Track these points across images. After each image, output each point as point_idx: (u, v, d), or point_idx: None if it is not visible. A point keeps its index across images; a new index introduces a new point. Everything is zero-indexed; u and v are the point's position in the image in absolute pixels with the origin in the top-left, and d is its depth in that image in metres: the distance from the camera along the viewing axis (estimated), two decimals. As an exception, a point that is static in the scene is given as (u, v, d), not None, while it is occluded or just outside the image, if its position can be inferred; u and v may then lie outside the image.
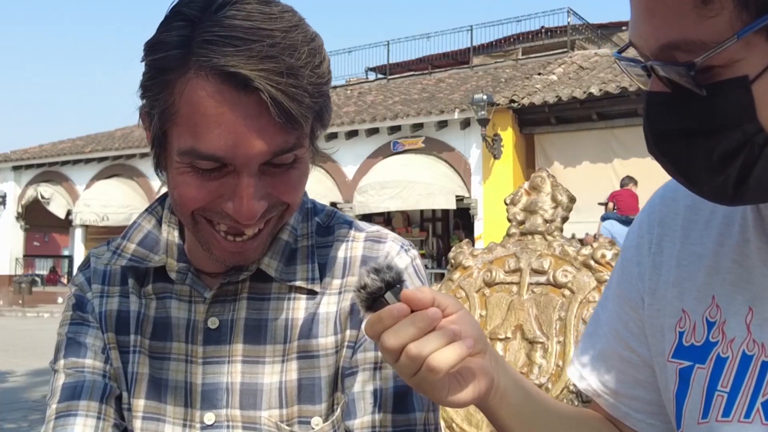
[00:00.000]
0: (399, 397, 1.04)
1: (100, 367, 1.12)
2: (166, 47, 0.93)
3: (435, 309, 0.82)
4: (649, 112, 0.76)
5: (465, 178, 16.09)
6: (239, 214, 0.95)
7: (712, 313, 0.85)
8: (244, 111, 0.90)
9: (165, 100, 0.94)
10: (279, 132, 0.92)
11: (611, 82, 14.23)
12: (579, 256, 1.67)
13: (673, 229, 0.94)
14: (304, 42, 0.93)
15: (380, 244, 1.11)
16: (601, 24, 21.62)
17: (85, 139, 23.95)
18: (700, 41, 0.67)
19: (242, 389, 1.05)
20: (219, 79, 0.89)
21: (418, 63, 21.75)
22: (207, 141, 0.91)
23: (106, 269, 1.16)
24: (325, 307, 1.07)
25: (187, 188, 0.96)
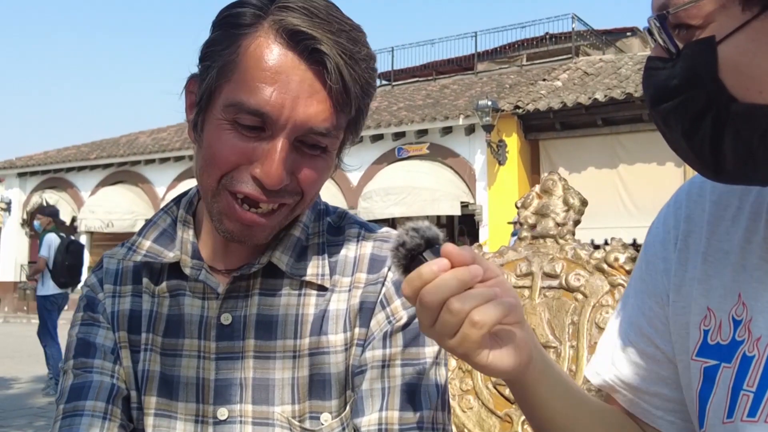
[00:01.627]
0: (407, 394, 1.04)
1: (109, 367, 1.13)
2: (244, 6, 0.98)
3: (477, 266, 0.80)
4: (644, 75, 0.80)
5: (470, 184, 16.08)
6: (267, 176, 0.97)
7: (738, 311, 0.84)
8: (302, 75, 0.95)
9: (228, 54, 0.98)
10: (328, 107, 0.97)
11: (616, 87, 14.22)
12: (592, 260, 1.65)
13: (699, 225, 0.93)
14: (365, 44, 1.01)
15: (389, 243, 1.11)
16: (605, 30, 21.61)
17: (90, 145, 24.00)
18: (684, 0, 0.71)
19: (254, 384, 1.07)
20: (288, 40, 0.95)
21: (423, 69, 21.77)
22: (259, 96, 0.95)
23: (118, 269, 1.18)
24: (335, 305, 1.09)
25: (222, 146, 0.98)
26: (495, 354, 0.82)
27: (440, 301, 0.78)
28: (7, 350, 13.27)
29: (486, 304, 0.78)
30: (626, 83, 14.44)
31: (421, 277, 0.79)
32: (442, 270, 0.79)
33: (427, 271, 0.79)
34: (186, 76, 1.07)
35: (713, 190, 0.92)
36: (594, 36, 20.30)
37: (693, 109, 0.73)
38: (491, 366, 0.82)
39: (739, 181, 0.79)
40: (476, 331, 0.78)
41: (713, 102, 0.72)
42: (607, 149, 14.70)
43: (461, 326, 0.78)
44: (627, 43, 22.12)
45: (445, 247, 0.80)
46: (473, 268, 0.79)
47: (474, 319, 0.77)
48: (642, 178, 14.23)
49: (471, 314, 0.78)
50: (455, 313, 0.78)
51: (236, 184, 0.99)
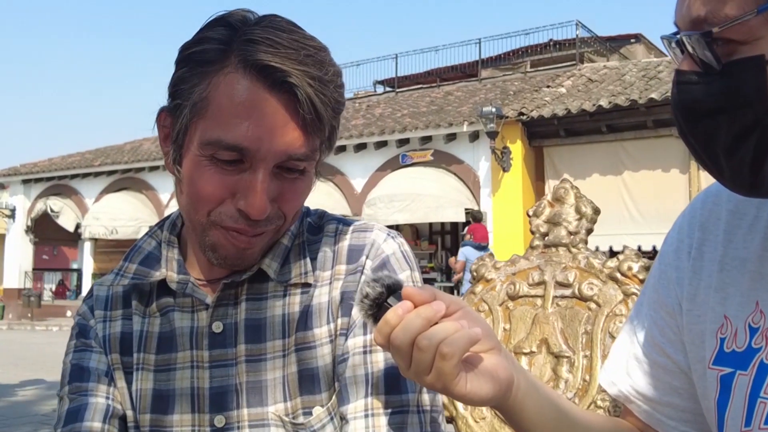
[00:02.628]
0: (390, 378, 1.05)
1: (104, 389, 1.15)
2: (209, 42, 1.00)
3: (438, 302, 0.83)
4: (676, 89, 0.78)
5: (474, 191, 16.07)
6: (251, 208, 0.99)
7: (755, 319, 0.84)
8: (275, 107, 0.97)
9: (199, 92, 1.00)
10: (302, 133, 0.99)
11: (620, 94, 14.21)
12: (605, 269, 1.64)
13: (715, 234, 0.93)
14: (330, 63, 1.02)
15: (366, 233, 1.15)
16: (609, 36, 21.62)
17: (94, 152, 24.06)
18: (725, 16, 0.69)
19: (248, 388, 1.08)
20: (256, 75, 0.97)
21: (427, 76, 21.78)
22: (235, 131, 0.97)
23: (108, 295, 1.20)
24: (317, 299, 1.11)
25: (205, 183, 1.01)
26: (473, 383, 0.84)
27: (410, 341, 0.81)
28: (12, 357, 13.27)
29: (453, 335, 0.81)
30: (630, 90, 14.44)
31: (389, 323, 0.83)
32: (406, 312, 0.82)
33: (392, 315, 0.83)
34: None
35: (729, 199, 0.92)
36: (598, 43, 20.31)
37: (738, 127, 0.72)
38: (471, 395, 0.84)
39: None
40: (448, 363, 0.80)
41: (760, 122, 0.70)
42: (611, 156, 14.68)
43: (434, 361, 0.81)
44: (631, 50, 22.13)
45: (405, 290, 0.85)
46: (435, 304, 0.83)
47: (443, 352, 0.80)
48: (646, 184, 14.21)
49: (440, 347, 0.80)
50: (425, 349, 0.80)
51: (225, 219, 1.02)
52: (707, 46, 0.72)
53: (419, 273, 1.15)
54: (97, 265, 22.87)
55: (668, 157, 13.89)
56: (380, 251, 1.12)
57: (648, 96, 13.51)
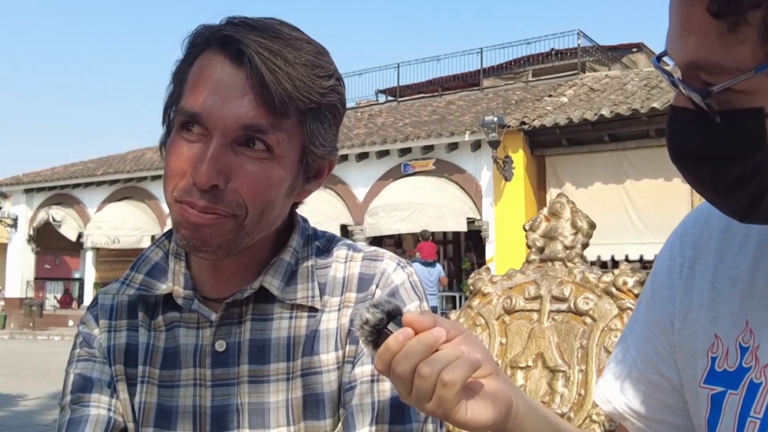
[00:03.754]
0: (396, 408, 1.05)
1: (106, 400, 1.14)
2: (199, 28, 1.05)
3: (439, 328, 0.83)
4: (671, 127, 0.78)
5: (476, 200, 16.09)
6: (197, 174, 0.99)
7: (745, 339, 0.85)
8: (232, 80, 1.00)
9: (184, 72, 1.05)
10: (257, 105, 1.00)
11: (622, 104, 14.24)
12: (600, 283, 1.64)
13: (707, 253, 0.93)
14: (310, 51, 1.03)
15: (377, 262, 1.15)
16: (611, 46, 21.67)
17: (96, 161, 24.12)
18: (721, 66, 0.69)
19: (250, 409, 1.08)
20: (222, 50, 1.01)
21: (429, 85, 21.84)
22: (193, 98, 1.01)
23: (113, 304, 1.20)
24: (325, 324, 1.11)
25: (172, 157, 1.03)
26: (473, 409, 0.84)
27: (411, 368, 0.81)
28: (14, 367, 13.27)
29: (454, 363, 0.81)
30: (632, 99, 14.46)
31: (390, 350, 0.82)
32: (407, 338, 0.82)
33: (393, 342, 0.82)
34: None
35: (720, 218, 0.92)
36: (600, 52, 20.35)
37: (735, 174, 0.72)
38: (472, 421, 0.84)
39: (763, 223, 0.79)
40: (449, 391, 0.80)
41: (759, 170, 0.71)
42: (613, 165, 14.69)
43: (435, 389, 0.81)
44: (633, 59, 22.16)
45: (406, 316, 0.84)
46: (436, 331, 0.83)
47: (444, 380, 0.80)
48: (649, 193, 14.22)
49: (441, 375, 0.80)
50: (426, 377, 0.80)
51: (182, 194, 1.02)
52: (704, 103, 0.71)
53: (427, 303, 1.15)
54: (99, 274, 22.88)
55: (670, 167, 13.20)
56: (390, 281, 1.13)
57: (650, 105, 13.53)
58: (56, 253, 27.53)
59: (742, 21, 0.65)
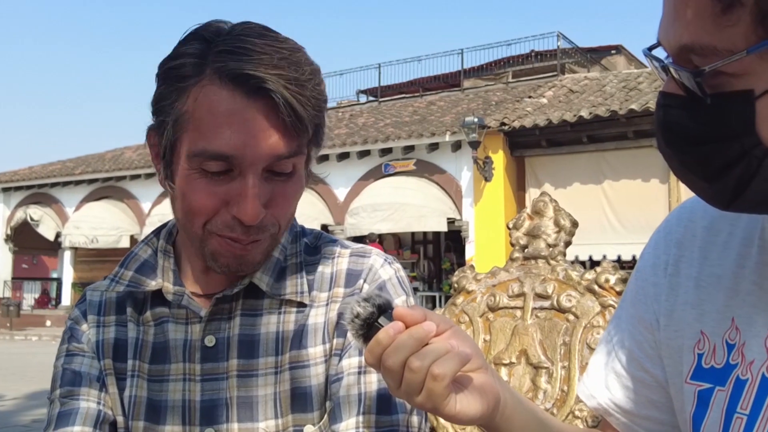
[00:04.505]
0: (382, 399, 1.07)
1: (95, 394, 1.15)
2: (184, 57, 1.02)
3: (429, 322, 0.84)
4: (660, 112, 0.77)
5: (456, 201, 16.13)
6: (244, 214, 1.00)
7: (731, 336, 0.85)
8: (254, 113, 0.99)
9: (180, 107, 1.01)
10: (284, 135, 1.00)
11: (601, 105, 14.33)
12: (583, 281, 1.67)
13: (691, 250, 0.94)
14: (306, 63, 1.03)
15: (364, 258, 1.17)
16: (590, 48, 21.79)
17: (75, 160, 23.91)
18: (713, 47, 0.68)
19: (239, 403, 1.10)
20: (233, 84, 0.98)
21: (410, 86, 21.85)
22: (217, 140, 0.99)
23: (101, 300, 1.21)
24: (313, 319, 1.12)
25: (196, 195, 1.02)
26: (462, 403, 0.84)
27: (401, 362, 0.82)
28: (-10, 367, 13.13)
29: (444, 356, 0.82)
30: (611, 101, 14.56)
31: (380, 343, 0.83)
32: (397, 332, 0.83)
33: (384, 336, 0.83)
34: None
35: (704, 215, 0.94)
36: (579, 54, 20.47)
37: (723, 157, 0.72)
38: (461, 415, 0.84)
39: (749, 212, 0.79)
40: (438, 384, 0.81)
41: (746, 154, 0.70)
42: (592, 166, 14.78)
43: (424, 382, 0.82)
44: (612, 61, 22.31)
45: (396, 310, 0.85)
46: (426, 325, 0.83)
47: (434, 373, 0.81)
48: (627, 194, 14.32)
49: (431, 369, 0.81)
50: (416, 370, 0.81)
51: (222, 228, 1.03)
52: (695, 82, 0.71)
53: (414, 298, 1.17)
54: (77, 274, 22.70)
55: (648, 168, 14.01)
56: (377, 276, 1.15)
57: (628, 107, 13.63)
58: (34, 252, 27.32)
59: (736, 2, 0.66)
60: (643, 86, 15.09)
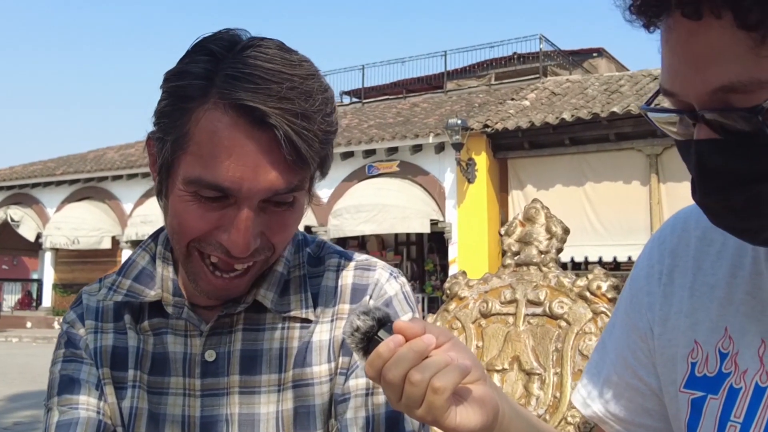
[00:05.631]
0: (390, 422, 1.06)
1: (94, 403, 1.12)
2: (190, 77, 0.97)
3: (429, 335, 0.84)
4: (701, 161, 0.74)
5: (439, 202, 16.15)
6: (234, 246, 0.98)
7: (724, 345, 0.87)
8: (256, 146, 0.95)
9: (180, 127, 0.98)
10: (286, 170, 0.97)
11: (583, 108, 14.41)
12: (575, 288, 1.69)
13: (685, 260, 0.95)
14: (319, 91, 0.98)
15: (370, 272, 1.15)
16: (572, 50, 21.89)
17: (56, 161, 23.70)
18: (758, 80, 0.66)
19: (240, 420, 1.07)
20: (236, 113, 0.94)
21: (393, 87, 21.84)
22: (215, 171, 0.95)
23: (99, 306, 1.17)
24: (318, 336, 1.10)
25: (187, 217, 0.99)
26: (462, 415, 0.85)
27: (402, 375, 0.82)
28: (-30, 370, 13.00)
29: (444, 369, 0.82)
30: (593, 103, 14.64)
31: (381, 357, 0.83)
32: (398, 345, 0.83)
33: (384, 349, 0.83)
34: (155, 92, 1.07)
35: (697, 225, 0.95)
36: (561, 56, 20.55)
37: None
38: (461, 427, 0.85)
39: None
40: (439, 397, 0.81)
41: None
42: (573, 168, 14.85)
43: (425, 395, 0.82)
44: (593, 64, 22.42)
45: (396, 323, 0.85)
46: (426, 338, 0.83)
47: (435, 386, 0.81)
48: (608, 196, 14.40)
49: (431, 382, 0.81)
50: (417, 383, 0.81)
51: (206, 247, 1.01)
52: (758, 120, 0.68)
53: (418, 313, 1.15)
54: (58, 275, 22.52)
55: (629, 170, 14.11)
56: (383, 292, 1.13)
57: (610, 109, 13.72)
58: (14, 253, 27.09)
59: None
60: (625, 89, 15.19)
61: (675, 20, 0.71)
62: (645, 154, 14.01)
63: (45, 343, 18.05)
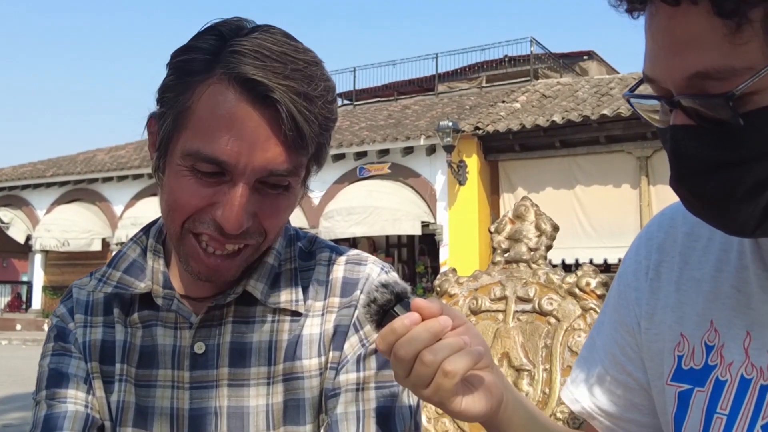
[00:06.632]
0: (381, 417, 1.06)
1: (83, 397, 1.12)
2: (196, 52, 0.99)
3: (446, 317, 0.84)
4: (677, 146, 0.75)
5: (430, 204, 16.16)
6: (226, 221, 0.98)
7: (710, 338, 0.88)
8: (257, 122, 0.96)
9: (183, 102, 0.99)
10: (284, 150, 0.97)
11: (573, 110, 14.45)
12: (564, 284, 1.70)
13: (671, 255, 0.96)
14: (321, 78, 1.00)
15: (361, 266, 1.15)
16: (563, 53, 21.97)
17: (46, 162, 23.62)
18: (731, 68, 0.67)
19: (229, 413, 1.07)
20: (240, 87, 0.95)
21: (384, 89, 21.88)
22: (214, 144, 0.96)
23: (89, 300, 1.17)
24: (308, 329, 1.10)
25: (183, 192, 1.00)
26: (468, 400, 0.85)
27: (414, 353, 0.82)
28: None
29: (457, 353, 0.82)
30: (583, 106, 14.69)
31: (395, 332, 0.83)
32: (413, 323, 0.82)
33: (399, 325, 0.83)
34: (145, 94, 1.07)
35: (684, 221, 0.96)
36: (552, 59, 20.62)
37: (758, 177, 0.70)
38: (465, 412, 0.85)
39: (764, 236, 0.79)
40: (449, 381, 0.81)
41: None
42: (564, 170, 14.89)
43: (434, 376, 0.82)
44: (584, 67, 22.51)
45: (415, 301, 0.85)
46: (443, 320, 0.83)
47: (446, 369, 0.81)
48: (598, 199, 14.45)
49: (443, 365, 0.81)
50: (428, 364, 0.81)
51: (198, 225, 1.01)
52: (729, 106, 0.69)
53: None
54: (48, 277, 22.42)
55: (619, 172, 14.16)
56: None
57: (600, 112, 13.77)
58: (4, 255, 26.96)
59: (744, 20, 0.66)
60: (615, 92, 15.23)
61: (656, 6, 0.72)
62: (635, 157, 14.06)
63: (35, 345, 17.95)
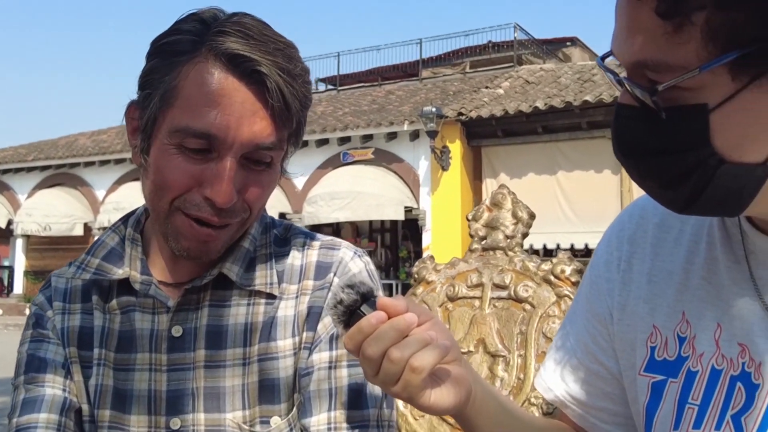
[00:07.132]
0: (353, 394, 1.09)
1: (60, 381, 1.15)
2: (180, 33, 1.03)
3: (411, 314, 0.85)
4: (617, 123, 0.79)
5: (414, 190, 16.17)
6: (218, 195, 1.01)
7: (682, 329, 0.89)
8: (243, 97, 1.00)
9: (169, 81, 1.02)
10: (270, 122, 1.02)
11: (556, 96, 14.47)
12: (539, 272, 1.72)
13: (643, 247, 0.97)
14: (298, 60, 1.05)
15: (334, 250, 1.18)
16: (546, 39, 21.97)
17: (27, 147, 23.37)
18: (666, 64, 0.70)
19: (206, 393, 1.10)
20: (227, 64, 0.99)
21: (368, 75, 21.79)
22: (204, 119, 0.99)
23: (67, 287, 1.20)
24: (283, 311, 1.13)
25: (172, 170, 1.02)
26: (436, 394, 0.87)
27: (381, 351, 0.83)
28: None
29: (423, 349, 0.83)
30: (566, 92, 14.71)
31: (362, 331, 0.84)
32: (380, 322, 0.84)
33: (366, 324, 0.84)
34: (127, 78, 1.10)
35: (655, 213, 0.97)
36: (535, 45, 20.62)
37: (680, 167, 0.74)
38: (434, 406, 0.87)
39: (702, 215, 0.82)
40: (416, 376, 0.83)
41: (702, 163, 0.72)
42: (546, 156, 14.92)
43: (402, 373, 0.83)
44: (567, 53, 22.54)
45: (380, 300, 0.86)
46: (408, 317, 0.85)
47: (413, 365, 0.82)
48: (580, 184, 14.51)
49: (410, 361, 0.83)
50: (396, 361, 0.83)
51: (189, 207, 1.03)
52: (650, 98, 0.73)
53: (382, 292, 1.16)
54: (30, 262, 22.27)
55: (601, 158, 14.21)
56: (347, 269, 1.15)
57: (582, 98, 13.80)
58: (-16, 240, 26.67)
59: (686, 21, 0.68)
60: (598, 78, 15.26)
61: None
62: (617, 143, 14.10)
63: (16, 330, 17.87)
